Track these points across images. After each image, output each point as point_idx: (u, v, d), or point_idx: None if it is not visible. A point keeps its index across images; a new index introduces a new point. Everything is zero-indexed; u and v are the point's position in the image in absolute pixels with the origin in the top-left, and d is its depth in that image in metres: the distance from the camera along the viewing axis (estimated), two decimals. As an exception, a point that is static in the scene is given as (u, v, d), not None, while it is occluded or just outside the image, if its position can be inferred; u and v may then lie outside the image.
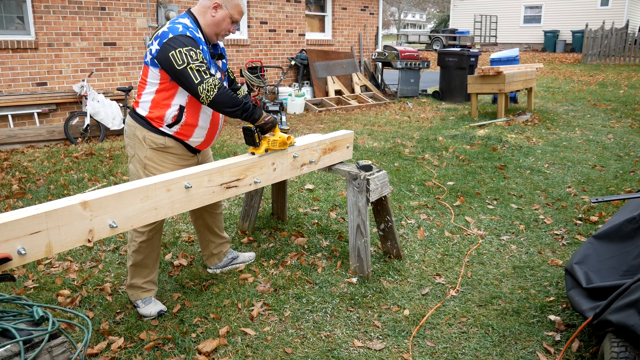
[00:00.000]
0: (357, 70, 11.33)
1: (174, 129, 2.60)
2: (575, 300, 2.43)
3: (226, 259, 3.25)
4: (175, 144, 2.64)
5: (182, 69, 2.41)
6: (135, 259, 2.73)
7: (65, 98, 7.14)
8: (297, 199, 4.59)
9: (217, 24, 2.59)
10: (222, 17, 2.58)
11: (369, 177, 3.03)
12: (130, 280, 2.78)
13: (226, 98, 2.50)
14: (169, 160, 2.65)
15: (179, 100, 2.56)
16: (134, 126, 2.62)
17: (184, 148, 2.69)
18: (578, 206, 4.44)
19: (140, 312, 2.75)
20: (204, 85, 2.44)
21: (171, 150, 2.65)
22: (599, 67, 17.34)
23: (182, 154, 2.70)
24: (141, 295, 2.78)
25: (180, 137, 2.63)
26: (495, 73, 8.18)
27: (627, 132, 7.54)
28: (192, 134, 2.65)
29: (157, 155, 2.62)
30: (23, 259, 1.75)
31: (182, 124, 2.60)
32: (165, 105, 2.55)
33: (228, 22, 2.61)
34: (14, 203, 4.38)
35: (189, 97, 2.57)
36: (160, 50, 2.44)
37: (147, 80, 2.56)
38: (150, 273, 2.80)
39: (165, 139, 2.61)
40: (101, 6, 7.54)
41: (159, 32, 2.51)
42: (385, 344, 2.53)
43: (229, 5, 2.59)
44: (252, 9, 9.71)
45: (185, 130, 2.62)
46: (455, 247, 3.66)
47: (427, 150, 6.41)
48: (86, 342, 1.59)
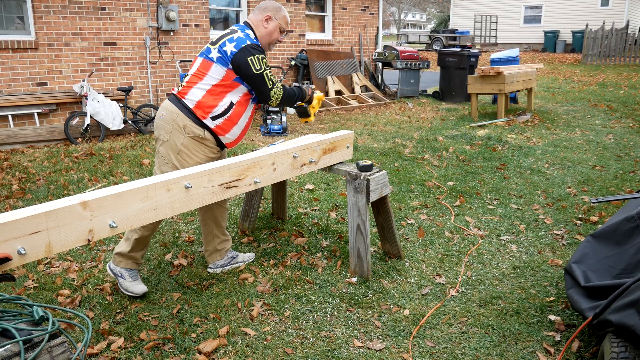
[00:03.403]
0: (357, 71, 11.33)
1: (217, 122, 2.85)
2: (575, 300, 2.43)
3: (227, 257, 3.28)
4: (211, 138, 2.88)
5: (260, 74, 2.81)
6: (143, 234, 2.90)
7: (65, 98, 7.15)
8: (297, 199, 4.59)
9: (270, 34, 2.94)
10: (274, 28, 2.94)
11: (369, 177, 3.03)
12: (128, 252, 2.92)
13: (288, 95, 2.98)
14: (202, 152, 2.88)
15: (232, 97, 2.86)
16: (175, 113, 2.82)
17: (215, 143, 2.93)
18: (578, 206, 4.44)
19: (124, 285, 2.90)
20: (275, 90, 2.88)
21: (206, 143, 2.88)
22: (599, 67, 17.34)
23: (213, 147, 2.93)
24: (132, 266, 2.95)
25: (218, 131, 2.88)
26: (495, 73, 8.18)
27: (627, 132, 7.54)
28: (230, 131, 2.91)
29: (193, 144, 2.83)
30: (23, 259, 1.75)
31: (226, 118, 2.86)
32: (218, 98, 2.82)
33: (278, 32, 2.97)
34: (14, 203, 4.38)
35: (241, 97, 2.88)
36: (239, 53, 2.77)
37: (208, 74, 2.81)
38: (145, 246, 3.00)
39: (204, 132, 2.84)
40: (101, 6, 7.54)
41: (234, 36, 2.82)
42: (385, 344, 2.53)
43: (278, 17, 2.95)
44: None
45: (225, 126, 2.88)
46: (455, 247, 3.66)
47: (427, 150, 6.41)
48: (86, 342, 1.59)
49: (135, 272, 2.95)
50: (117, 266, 2.94)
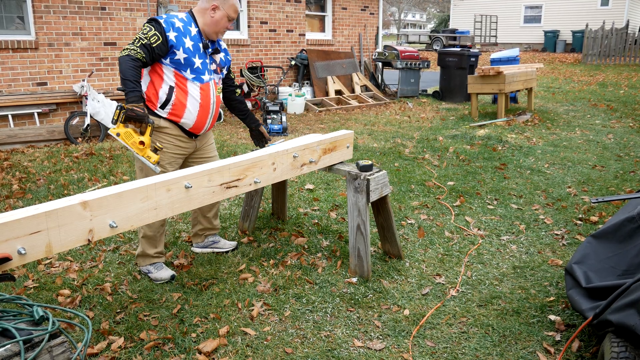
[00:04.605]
0: (357, 70, 11.33)
1: (167, 109, 2.89)
2: (575, 300, 2.43)
3: (207, 240, 3.48)
4: (170, 125, 2.93)
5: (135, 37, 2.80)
6: (146, 233, 3.05)
7: (65, 98, 7.14)
8: (297, 199, 4.59)
9: (216, 24, 2.91)
10: (220, 17, 2.90)
11: (369, 177, 3.03)
12: (141, 251, 3.11)
13: (125, 63, 2.65)
14: (166, 140, 2.93)
15: (168, 82, 2.86)
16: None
17: (179, 129, 2.96)
18: (578, 206, 4.44)
19: (153, 277, 3.09)
20: (127, 46, 2.73)
21: (166, 131, 2.92)
22: (599, 67, 17.33)
23: (178, 134, 2.97)
24: (152, 261, 3.13)
25: (173, 118, 2.91)
26: (495, 73, 8.18)
27: (627, 132, 7.54)
28: (183, 115, 2.91)
29: (156, 136, 2.89)
30: (23, 259, 1.75)
31: (173, 103, 2.87)
32: (158, 86, 2.87)
33: (225, 21, 2.93)
34: (14, 203, 4.38)
35: (176, 79, 2.86)
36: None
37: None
38: (159, 244, 3.13)
39: (160, 120, 2.89)
40: (101, 6, 7.54)
41: None
42: (385, 344, 2.53)
43: (226, 6, 2.91)
44: (252, 9, 9.71)
45: (176, 111, 2.89)
46: (455, 247, 3.66)
47: (427, 150, 6.41)
48: (86, 341, 1.59)
49: (159, 264, 3.14)
50: (142, 266, 3.16)
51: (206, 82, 2.96)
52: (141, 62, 2.73)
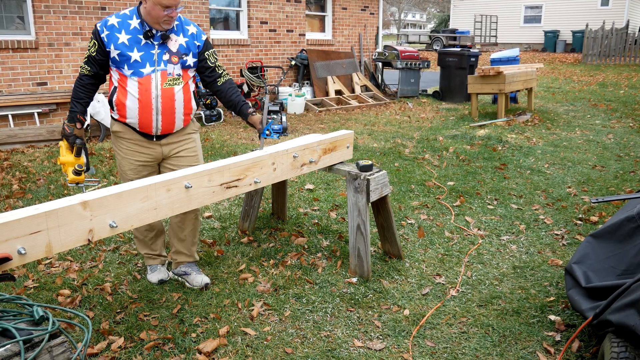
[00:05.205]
0: (357, 70, 11.33)
1: (115, 110, 2.80)
2: (575, 300, 2.42)
3: (179, 269, 3.15)
4: (124, 129, 2.84)
5: None
6: (135, 234, 3.13)
7: (65, 98, 7.14)
8: (297, 199, 4.59)
9: (149, 14, 2.71)
10: (151, 7, 2.69)
11: (369, 177, 3.03)
12: (138, 249, 3.21)
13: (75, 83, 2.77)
14: (124, 146, 2.86)
15: (114, 82, 2.78)
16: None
17: (135, 132, 2.84)
18: (578, 206, 4.44)
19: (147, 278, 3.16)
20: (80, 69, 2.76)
21: (122, 135, 2.85)
22: (599, 67, 17.33)
23: (135, 138, 2.85)
24: (148, 261, 3.18)
25: (121, 119, 2.81)
26: (495, 73, 8.18)
27: (627, 132, 7.54)
28: (126, 114, 2.78)
29: (115, 141, 2.89)
30: (23, 259, 1.75)
31: (116, 102, 2.78)
32: (110, 90, 2.82)
33: (159, 9, 2.67)
34: (14, 203, 4.38)
35: (119, 77, 2.75)
36: None
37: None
38: (149, 247, 3.14)
39: (115, 125, 2.85)
40: (101, 6, 7.54)
41: None
42: (385, 344, 2.53)
43: None
44: (252, 9, 9.71)
45: (120, 111, 2.78)
46: (455, 247, 3.66)
47: (427, 150, 6.41)
48: (86, 341, 1.59)
49: (154, 266, 3.16)
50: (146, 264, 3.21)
51: (146, 75, 2.72)
52: (89, 77, 2.74)
